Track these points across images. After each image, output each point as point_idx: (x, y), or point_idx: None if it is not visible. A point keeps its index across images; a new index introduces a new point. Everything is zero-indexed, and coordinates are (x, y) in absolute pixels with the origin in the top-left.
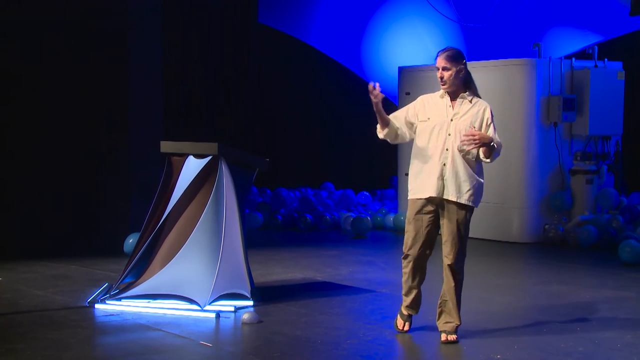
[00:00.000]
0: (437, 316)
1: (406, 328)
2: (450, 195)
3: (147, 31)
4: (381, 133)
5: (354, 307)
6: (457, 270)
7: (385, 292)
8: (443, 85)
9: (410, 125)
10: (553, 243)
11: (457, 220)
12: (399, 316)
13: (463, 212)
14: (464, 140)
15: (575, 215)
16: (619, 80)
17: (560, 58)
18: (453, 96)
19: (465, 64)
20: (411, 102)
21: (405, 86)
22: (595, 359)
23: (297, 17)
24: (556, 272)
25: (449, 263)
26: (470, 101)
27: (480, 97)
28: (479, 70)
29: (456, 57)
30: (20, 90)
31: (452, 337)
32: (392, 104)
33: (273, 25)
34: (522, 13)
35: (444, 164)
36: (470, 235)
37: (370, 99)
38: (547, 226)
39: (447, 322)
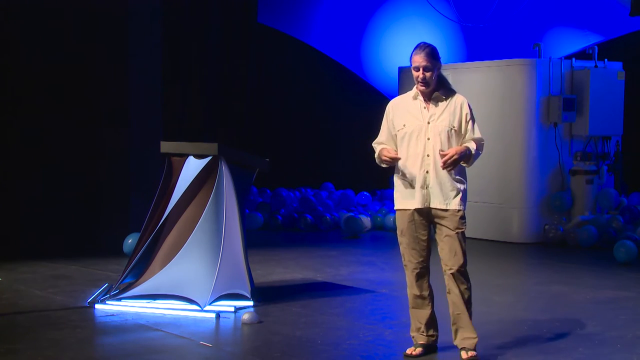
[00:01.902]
0: (453, 335)
1: (415, 353)
2: (437, 203)
3: (147, 31)
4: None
5: (354, 307)
6: (462, 278)
7: (385, 292)
8: (423, 86)
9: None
10: (553, 243)
11: (449, 227)
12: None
13: (455, 217)
14: (444, 166)
15: (575, 215)
16: (619, 80)
17: (560, 58)
18: (427, 96)
19: (440, 60)
20: None
21: (405, 86)
22: (595, 359)
23: (297, 17)
24: (556, 272)
25: (452, 272)
26: (445, 99)
27: (454, 92)
28: (479, 70)
29: (436, 55)
30: (21, 91)
31: (472, 353)
32: None
33: (273, 25)
34: (522, 13)
35: (427, 172)
36: (470, 235)
37: (382, 159)
38: (547, 226)
39: (466, 338)
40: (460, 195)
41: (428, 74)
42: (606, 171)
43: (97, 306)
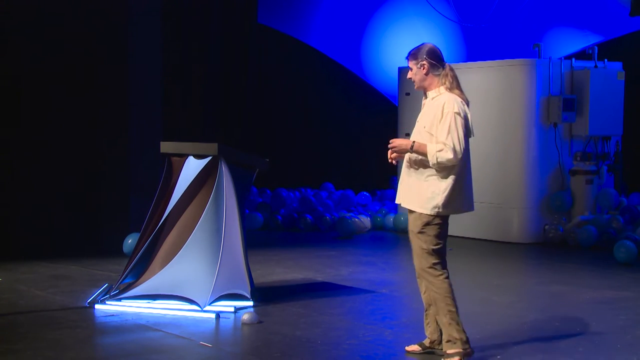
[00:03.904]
0: None
1: (411, 349)
2: (403, 200)
3: (147, 31)
4: None
5: (354, 307)
6: (424, 277)
7: (385, 292)
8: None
9: None
10: (553, 243)
11: (411, 226)
12: None
13: (413, 218)
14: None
15: (575, 215)
16: (619, 80)
17: (560, 58)
18: (424, 95)
19: (427, 59)
20: (411, 102)
21: (405, 86)
22: (595, 359)
23: (297, 18)
24: (556, 272)
25: (416, 272)
26: (433, 98)
27: (448, 91)
28: (479, 70)
29: (416, 53)
30: (20, 91)
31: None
32: (392, 104)
33: (273, 26)
34: (522, 13)
35: (403, 169)
36: (470, 235)
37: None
38: (547, 226)
39: (446, 342)
40: (420, 197)
41: (410, 73)
42: (606, 171)
43: (97, 306)
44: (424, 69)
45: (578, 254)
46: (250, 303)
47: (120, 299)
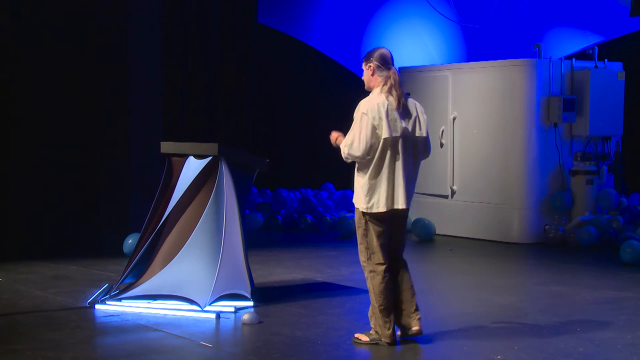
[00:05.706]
0: None
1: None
2: None
3: (147, 31)
4: None
5: (354, 307)
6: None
7: None
8: None
9: None
10: (553, 244)
11: None
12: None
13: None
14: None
15: (576, 215)
16: (619, 80)
17: (561, 59)
18: None
19: (373, 61)
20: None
21: (405, 86)
22: (595, 359)
23: (297, 18)
24: (556, 272)
25: None
26: None
27: (388, 92)
28: (479, 70)
29: (368, 56)
30: (20, 90)
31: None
32: None
33: (273, 26)
34: (522, 14)
35: None
36: (470, 235)
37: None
38: (547, 227)
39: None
40: (355, 194)
41: (363, 74)
42: (606, 171)
43: (97, 306)
44: (370, 70)
45: (578, 255)
46: (251, 303)
47: (120, 299)
